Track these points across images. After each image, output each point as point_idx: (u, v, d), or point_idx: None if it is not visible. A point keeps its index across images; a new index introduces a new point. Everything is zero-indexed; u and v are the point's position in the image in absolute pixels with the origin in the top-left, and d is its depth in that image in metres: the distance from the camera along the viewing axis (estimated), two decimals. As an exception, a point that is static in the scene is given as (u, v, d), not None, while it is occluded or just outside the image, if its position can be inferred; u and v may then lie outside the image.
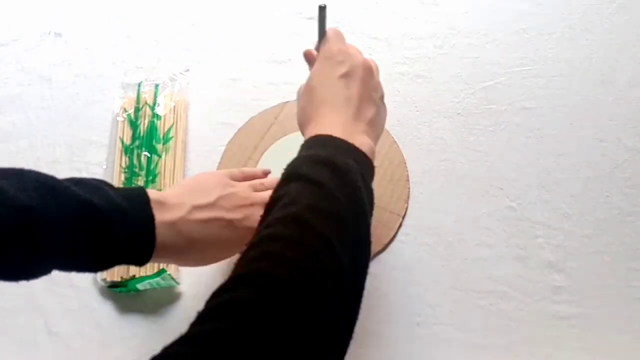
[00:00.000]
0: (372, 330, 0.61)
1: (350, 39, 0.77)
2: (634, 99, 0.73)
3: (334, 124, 0.50)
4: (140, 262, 0.49)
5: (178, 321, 0.62)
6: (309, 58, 0.58)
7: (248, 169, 0.61)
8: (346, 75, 0.52)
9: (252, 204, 0.56)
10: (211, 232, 0.52)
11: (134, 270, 0.62)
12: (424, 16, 0.79)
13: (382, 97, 0.56)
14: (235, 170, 0.59)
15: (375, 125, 0.53)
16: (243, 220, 0.54)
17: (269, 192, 0.57)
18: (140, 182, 0.67)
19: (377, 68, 0.57)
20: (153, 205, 0.49)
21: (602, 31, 0.77)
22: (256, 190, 0.57)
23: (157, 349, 0.63)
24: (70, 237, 0.44)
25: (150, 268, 0.62)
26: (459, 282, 0.63)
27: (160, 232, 0.49)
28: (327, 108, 0.51)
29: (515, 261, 0.64)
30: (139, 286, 0.61)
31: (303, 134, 0.53)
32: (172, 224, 0.50)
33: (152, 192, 0.50)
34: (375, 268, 0.64)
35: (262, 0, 0.81)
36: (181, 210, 0.51)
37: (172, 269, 0.63)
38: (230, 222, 0.53)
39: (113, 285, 0.63)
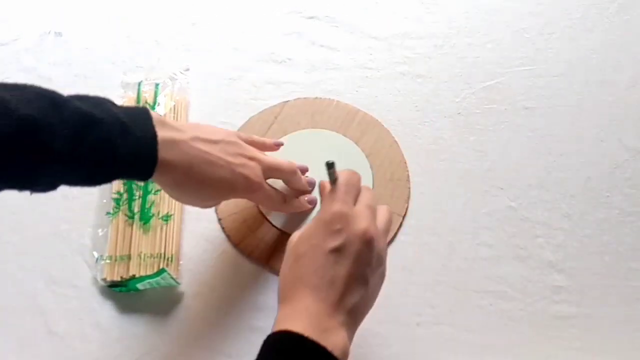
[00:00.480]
0: (372, 330, 0.61)
1: (351, 39, 0.77)
2: (634, 99, 0.73)
3: (308, 314, 0.45)
4: (143, 176, 0.50)
5: (178, 321, 0.62)
6: (321, 191, 0.53)
7: (257, 137, 0.62)
8: (338, 250, 0.46)
9: (252, 159, 0.57)
10: (209, 165, 0.53)
11: (133, 270, 0.62)
12: (424, 16, 0.79)
13: (380, 269, 0.50)
14: (244, 135, 0.60)
15: (358, 313, 0.48)
16: (240, 167, 0.55)
17: (274, 159, 0.59)
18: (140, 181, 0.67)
19: (379, 235, 0.49)
20: (155, 123, 0.50)
21: (602, 31, 0.78)
22: None
23: (157, 348, 0.64)
24: (72, 147, 0.45)
25: (150, 268, 0.63)
26: (459, 282, 0.63)
27: (162, 148, 0.49)
28: (307, 290, 0.46)
29: (515, 261, 0.64)
30: (139, 286, 0.61)
31: (278, 304, 0.48)
32: (173, 142, 0.50)
33: (154, 113, 0.51)
34: (375, 268, 0.64)
35: (261, 0, 0.81)
36: (182, 135, 0.52)
37: (172, 269, 0.63)
38: (228, 164, 0.54)
39: (113, 285, 0.63)
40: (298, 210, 0.64)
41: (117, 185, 0.67)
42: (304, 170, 0.66)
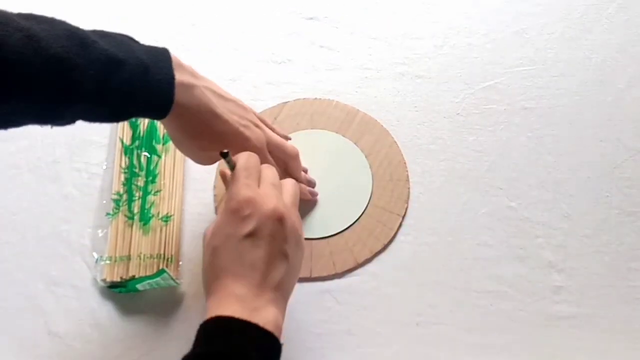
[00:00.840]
0: (372, 330, 0.61)
1: (351, 39, 0.77)
2: (633, 99, 0.73)
3: (235, 298, 0.46)
4: (158, 116, 0.52)
5: (178, 321, 0.62)
6: (223, 180, 0.53)
7: (269, 123, 0.63)
8: (252, 234, 0.47)
9: (257, 125, 0.58)
10: (213, 117, 0.54)
11: (133, 270, 0.62)
12: (423, 16, 0.79)
13: (297, 242, 0.50)
14: (257, 113, 0.61)
15: (285, 287, 0.49)
16: (243, 127, 0.56)
17: (279, 138, 0.60)
18: (140, 182, 0.67)
19: (289, 209, 0.50)
20: (174, 65, 0.51)
21: (601, 31, 0.78)
22: None
23: (157, 349, 0.63)
24: (97, 88, 0.47)
25: (150, 269, 0.63)
26: (459, 282, 0.63)
27: (177, 91, 0.51)
28: (229, 277, 0.47)
29: (515, 261, 0.64)
30: (139, 286, 0.61)
31: (206, 299, 0.48)
32: (188, 86, 0.52)
33: (173, 55, 0.53)
34: (375, 268, 0.64)
35: (261, 0, 0.81)
36: (197, 81, 0.53)
37: (171, 269, 0.63)
38: (233, 121, 0.55)
39: (113, 285, 0.63)
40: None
41: (116, 185, 0.67)
42: (304, 171, 0.66)
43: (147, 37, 0.78)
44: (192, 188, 0.69)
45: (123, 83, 0.48)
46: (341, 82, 0.75)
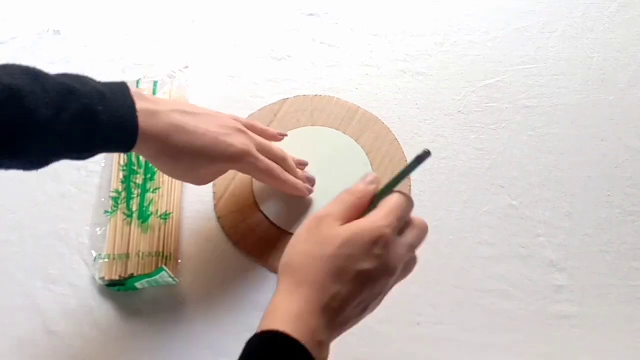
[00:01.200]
0: (373, 330, 0.61)
1: (351, 36, 0.77)
2: (634, 98, 0.73)
3: (307, 325, 0.44)
4: (126, 146, 0.51)
5: (177, 320, 0.61)
6: (368, 201, 0.49)
7: (260, 124, 0.62)
8: (365, 274, 0.45)
9: (241, 131, 0.57)
10: (185, 134, 0.53)
11: (132, 268, 0.62)
12: (424, 13, 0.79)
13: (378, 303, 0.49)
14: (244, 119, 0.60)
15: (341, 331, 0.47)
16: (224, 135, 0.55)
17: (265, 140, 0.59)
18: (139, 179, 0.67)
19: (398, 277, 0.48)
20: (133, 94, 0.51)
21: (603, 30, 0.77)
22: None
23: (155, 348, 0.63)
24: (54, 115, 0.47)
25: (148, 267, 0.62)
26: (459, 281, 0.63)
27: (140, 118, 0.50)
28: (320, 291, 0.44)
29: (516, 260, 0.64)
30: (137, 285, 0.61)
31: (278, 278, 0.46)
32: (151, 112, 0.52)
33: (133, 87, 0.53)
34: (375, 267, 0.64)
35: (261, -3, 0.81)
36: (161, 107, 0.53)
37: (170, 267, 0.62)
38: (209, 132, 0.54)
39: (111, 283, 0.62)
40: (293, 190, 0.63)
41: (115, 183, 0.67)
42: (304, 164, 0.66)
43: (147, 35, 0.78)
44: (190, 185, 0.68)
45: (80, 109, 0.48)
46: (341, 78, 0.75)
